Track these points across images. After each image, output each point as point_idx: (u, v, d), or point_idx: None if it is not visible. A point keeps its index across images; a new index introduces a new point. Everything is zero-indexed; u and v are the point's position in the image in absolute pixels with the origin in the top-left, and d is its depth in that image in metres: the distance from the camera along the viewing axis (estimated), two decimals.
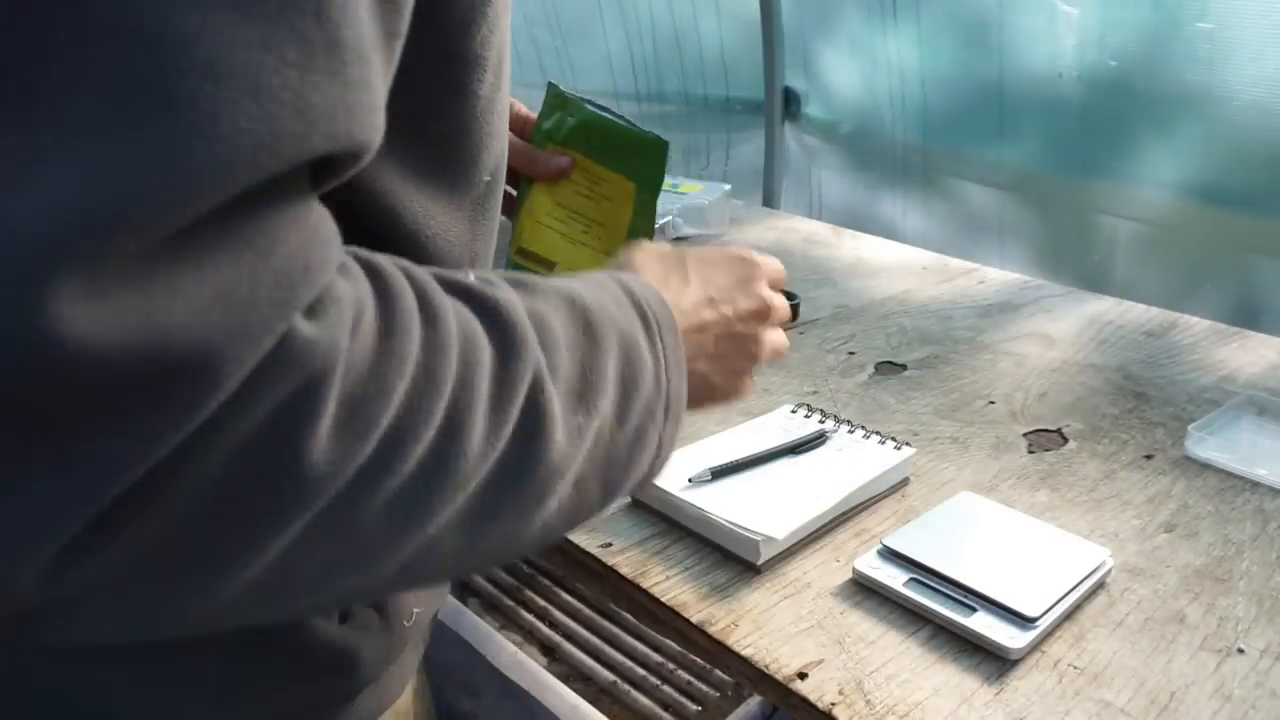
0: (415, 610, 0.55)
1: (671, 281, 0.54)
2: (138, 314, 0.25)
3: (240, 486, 0.29)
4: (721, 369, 0.56)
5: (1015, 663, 0.61)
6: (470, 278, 0.39)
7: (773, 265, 0.60)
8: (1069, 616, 0.66)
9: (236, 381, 0.27)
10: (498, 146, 0.50)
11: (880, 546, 0.70)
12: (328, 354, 0.29)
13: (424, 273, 0.36)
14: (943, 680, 0.60)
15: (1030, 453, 0.89)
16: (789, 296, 1.20)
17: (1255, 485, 0.85)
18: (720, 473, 0.76)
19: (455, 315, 0.36)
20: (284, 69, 0.27)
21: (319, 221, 0.31)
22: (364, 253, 0.34)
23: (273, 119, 0.27)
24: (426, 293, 0.35)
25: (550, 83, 0.80)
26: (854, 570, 0.69)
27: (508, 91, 0.49)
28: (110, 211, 0.24)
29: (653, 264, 0.54)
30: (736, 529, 0.70)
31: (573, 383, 0.41)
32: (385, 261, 0.35)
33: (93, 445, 0.25)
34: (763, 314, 0.58)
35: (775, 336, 0.60)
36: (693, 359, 0.52)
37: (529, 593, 1.32)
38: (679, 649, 1.20)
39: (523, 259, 0.83)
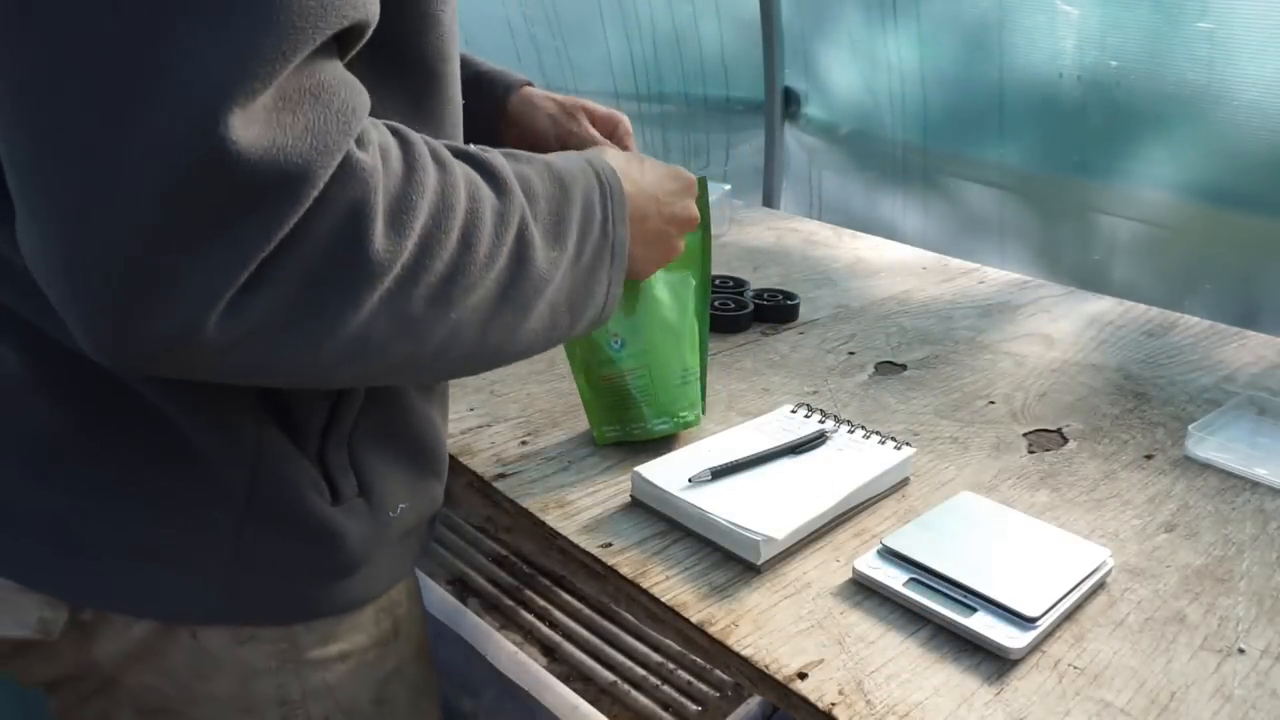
0: (401, 505, 0.65)
1: (630, 171, 0.68)
2: (267, 139, 0.39)
3: (332, 264, 0.43)
4: (645, 258, 0.72)
5: (1015, 663, 0.61)
6: (470, 146, 0.54)
7: (694, 180, 0.77)
8: (1069, 616, 0.66)
9: (322, 185, 0.41)
10: (457, 68, 0.62)
11: (880, 546, 0.70)
12: (374, 172, 0.44)
13: (432, 139, 0.51)
14: (943, 680, 0.60)
15: (1030, 453, 0.89)
16: (788, 297, 1.21)
17: (1255, 485, 0.85)
18: (720, 473, 0.76)
19: (460, 165, 0.50)
20: None
21: (354, 81, 0.44)
22: (387, 121, 0.49)
23: (322, 1, 0.41)
24: (436, 147, 0.50)
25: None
26: (854, 570, 0.68)
27: (455, 13, 0.60)
28: (253, 67, 0.38)
29: (617, 155, 0.69)
30: (736, 529, 0.70)
31: (549, 224, 0.56)
32: (402, 126, 0.49)
33: (245, 221, 0.40)
34: (688, 225, 0.75)
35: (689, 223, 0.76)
36: (631, 242, 0.66)
37: (529, 593, 1.32)
38: (679, 649, 1.20)
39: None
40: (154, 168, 0.38)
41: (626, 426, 0.84)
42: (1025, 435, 0.92)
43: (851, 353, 1.10)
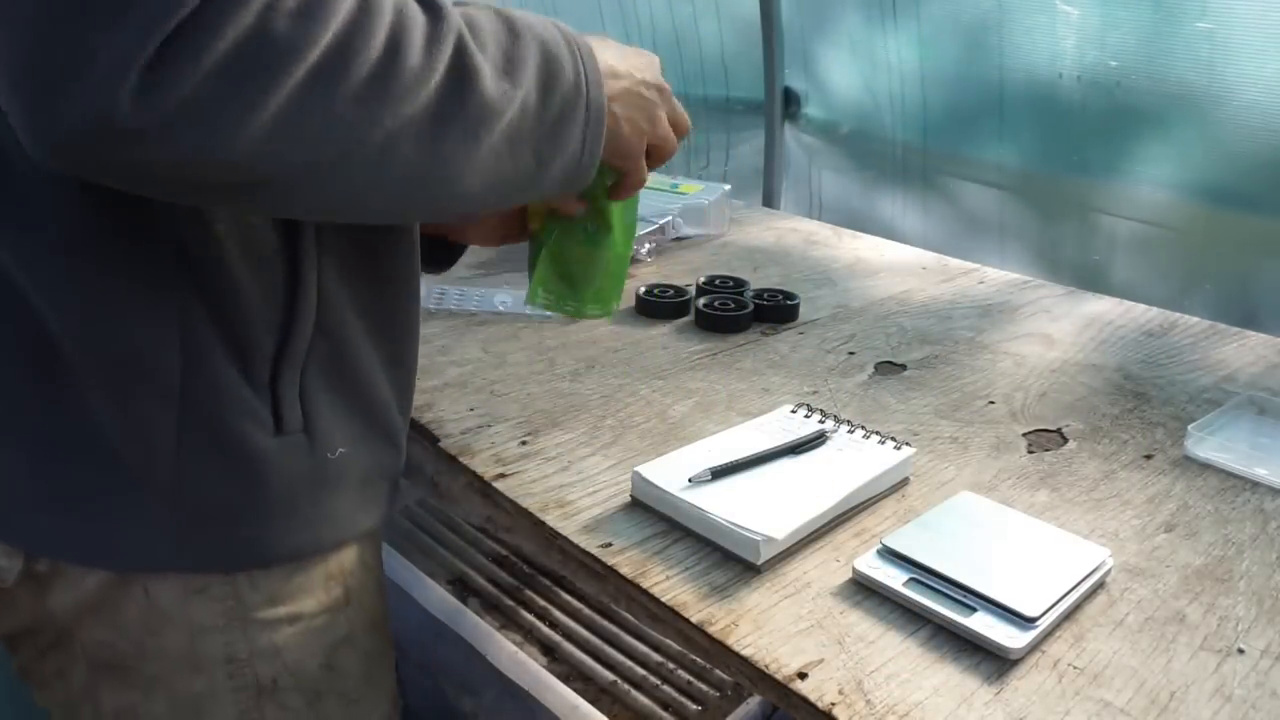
0: (340, 450, 0.65)
1: (593, 41, 0.66)
2: None
3: (240, 45, 0.43)
4: (627, 119, 0.68)
5: (1015, 663, 0.61)
6: None
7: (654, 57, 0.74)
8: (1069, 616, 0.66)
9: None
10: None
11: (880, 546, 0.70)
12: None
13: None
14: (943, 680, 0.60)
15: (1030, 453, 0.89)
16: (788, 297, 1.21)
17: (1255, 485, 0.85)
18: (720, 473, 0.76)
19: None
20: None
21: None
22: None
23: None
24: None
25: None
26: (854, 570, 0.69)
27: None
28: None
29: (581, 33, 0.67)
30: (736, 529, 0.70)
31: (496, 59, 0.55)
32: None
33: None
34: (663, 89, 0.71)
35: (674, 113, 0.73)
36: (611, 99, 0.65)
37: (529, 593, 1.32)
38: (679, 649, 1.20)
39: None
40: None
41: (561, 301, 0.82)
42: (1025, 435, 0.92)
43: (851, 353, 1.10)
